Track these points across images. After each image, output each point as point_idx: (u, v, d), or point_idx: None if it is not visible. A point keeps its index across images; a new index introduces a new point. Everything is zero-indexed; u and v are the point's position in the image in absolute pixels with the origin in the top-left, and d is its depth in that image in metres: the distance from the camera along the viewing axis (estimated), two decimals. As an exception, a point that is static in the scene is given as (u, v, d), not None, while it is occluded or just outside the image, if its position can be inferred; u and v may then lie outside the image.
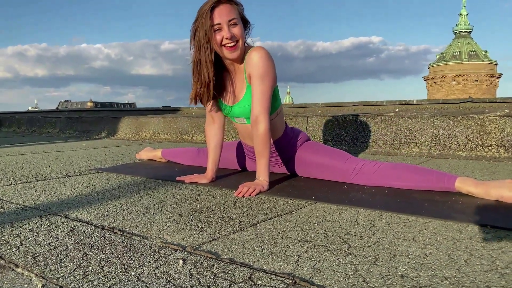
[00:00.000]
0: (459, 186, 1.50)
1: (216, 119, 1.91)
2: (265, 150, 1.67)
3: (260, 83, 1.65)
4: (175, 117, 4.59)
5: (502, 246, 0.99)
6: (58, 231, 1.15)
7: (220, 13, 1.58)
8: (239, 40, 1.62)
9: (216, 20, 1.58)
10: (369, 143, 3.07)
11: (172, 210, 1.38)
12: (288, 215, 1.30)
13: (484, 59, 48.78)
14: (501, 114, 2.68)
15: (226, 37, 1.58)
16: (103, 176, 2.06)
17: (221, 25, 1.58)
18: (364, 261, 0.91)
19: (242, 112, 1.77)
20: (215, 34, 1.59)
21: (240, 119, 1.82)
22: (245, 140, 1.95)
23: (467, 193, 1.49)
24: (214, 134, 1.91)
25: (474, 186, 1.47)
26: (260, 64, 1.64)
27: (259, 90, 1.65)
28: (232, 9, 1.60)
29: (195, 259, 0.93)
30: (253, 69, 1.65)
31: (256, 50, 1.66)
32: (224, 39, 1.59)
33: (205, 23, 1.57)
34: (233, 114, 1.82)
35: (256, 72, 1.64)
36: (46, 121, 6.19)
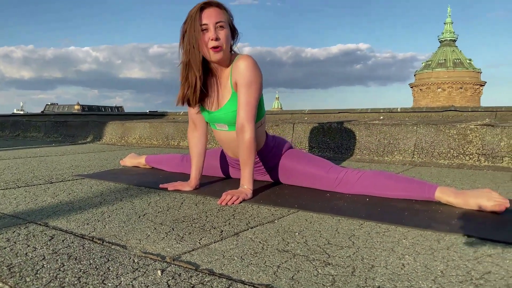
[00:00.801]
0: (439, 196, 1.53)
1: (198, 126, 1.90)
2: (250, 158, 1.68)
3: (246, 91, 1.66)
4: (161, 122, 4.57)
5: (477, 256, 1.01)
6: (36, 241, 1.14)
7: (208, 15, 1.61)
8: (224, 44, 1.63)
9: (204, 21, 1.61)
10: (354, 150, 3.10)
11: (153, 218, 1.37)
12: (270, 224, 1.30)
13: (469, 67, 49.65)
14: (482, 123, 2.73)
15: (212, 38, 1.60)
16: (86, 183, 2.04)
17: (208, 25, 1.61)
18: (342, 271, 0.92)
19: (224, 118, 1.77)
20: (202, 34, 1.61)
21: (221, 125, 1.82)
22: (226, 150, 1.94)
23: (447, 203, 1.51)
24: (197, 141, 1.90)
25: (453, 196, 1.50)
26: (247, 73, 1.66)
27: (245, 98, 1.66)
28: (220, 13, 1.63)
29: (174, 269, 0.93)
30: (240, 77, 1.66)
31: (243, 58, 1.68)
32: (210, 40, 1.61)
33: (194, 23, 1.60)
34: (214, 119, 1.81)
35: (242, 80, 1.66)
36: (31, 124, 6.11)
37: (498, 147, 2.58)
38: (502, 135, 2.58)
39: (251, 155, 1.67)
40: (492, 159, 2.58)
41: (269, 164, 1.93)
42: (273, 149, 1.90)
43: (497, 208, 1.39)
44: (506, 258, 1.00)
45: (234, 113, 1.73)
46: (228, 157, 2.00)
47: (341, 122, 3.28)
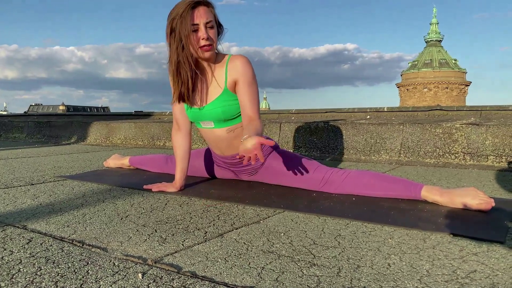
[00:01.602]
0: (425, 195, 1.53)
1: (182, 126, 1.88)
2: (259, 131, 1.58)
3: (249, 87, 1.71)
4: (147, 122, 4.52)
5: (463, 255, 1.01)
6: (13, 244, 1.10)
7: (198, 15, 1.61)
8: (214, 42, 1.66)
9: (195, 21, 1.61)
10: (340, 149, 3.09)
11: (136, 220, 1.34)
12: (255, 225, 1.28)
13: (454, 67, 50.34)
14: (467, 122, 2.75)
15: (203, 37, 1.61)
16: (68, 184, 2.00)
17: (199, 26, 1.61)
18: (328, 272, 0.90)
19: (211, 114, 1.75)
20: (192, 34, 1.61)
21: (207, 122, 1.80)
22: (213, 148, 1.93)
23: (433, 201, 1.51)
24: (182, 141, 1.87)
25: (439, 195, 1.50)
26: (248, 71, 1.71)
27: (249, 94, 1.70)
28: (208, 12, 1.64)
29: (155, 272, 0.90)
30: (241, 75, 1.70)
31: (241, 58, 1.72)
32: (201, 39, 1.62)
33: (185, 22, 1.60)
34: (200, 117, 1.79)
35: (244, 78, 1.70)
36: (13, 125, 6.00)
37: (483, 146, 2.60)
38: (487, 134, 2.60)
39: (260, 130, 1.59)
40: (477, 158, 2.60)
41: (255, 164, 1.90)
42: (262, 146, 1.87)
43: (482, 206, 1.39)
44: (491, 256, 1.00)
45: (222, 108, 1.73)
46: (215, 155, 1.97)
47: (328, 122, 3.27)
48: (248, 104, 1.70)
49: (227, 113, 1.74)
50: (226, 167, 1.99)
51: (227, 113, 1.74)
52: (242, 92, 1.70)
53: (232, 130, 1.78)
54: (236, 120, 1.77)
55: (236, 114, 1.75)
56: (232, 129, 1.78)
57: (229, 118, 1.75)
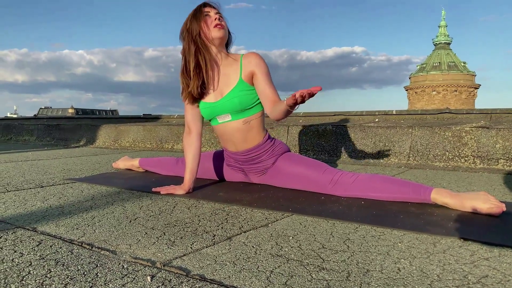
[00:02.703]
0: (434, 197, 1.51)
1: (193, 129, 1.91)
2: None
3: (268, 77, 1.80)
4: (155, 125, 4.54)
5: (474, 260, 0.99)
6: (23, 246, 1.11)
7: (209, 8, 1.81)
8: (225, 26, 1.81)
9: (206, 10, 1.80)
10: (349, 153, 3.08)
11: (145, 223, 1.34)
12: (263, 228, 1.28)
13: (463, 70, 49.95)
14: (477, 125, 2.72)
15: (215, 17, 1.78)
16: (77, 187, 2.01)
17: (210, 13, 1.80)
18: (337, 276, 0.90)
19: (229, 105, 1.81)
20: (205, 19, 1.78)
21: (224, 116, 1.85)
22: (227, 144, 1.94)
23: (443, 204, 1.50)
24: (192, 144, 1.90)
25: (449, 197, 1.48)
26: (263, 63, 1.82)
27: (269, 82, 1.79)
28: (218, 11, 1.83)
29: (164, 275, 0.90)
30: (258, 67, 1.79)
31: (255, 53, 1.85)
32: (213, 20, 1.78)
33: (198, 15, 1.79)
34: (216, 111, 1.85)
35: (261, 69, 1.79)
36: (23, 128, 6.06)
37: (493, 149, 2.57)
38: (497, 137, 2.57)
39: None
40: (487, 161, 2.58)
41: (265, 163, 1.91)
42: (272, 146, 1.90)
43: (493, 211, 1.38)
44: (503, 261, 0.98)
45: (238, 98, 1.79)
46: (227, 154, 1.98)
47: (336, 125, 3.26)
48: (270, 91, 1.77)
49: (244, 103, 1.80)
50: (237, 166, 1.99)
51: (244, 103, 1.80)
52: (261, 81, 1.78)
53: (248, 122, 1.84)
54: (252, 111, 1.83)
55: (252, 104, 1.82)
56: (248, 120, 1.83)
57: (245, 108, 1.81)
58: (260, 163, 1.91)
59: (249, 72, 1.80)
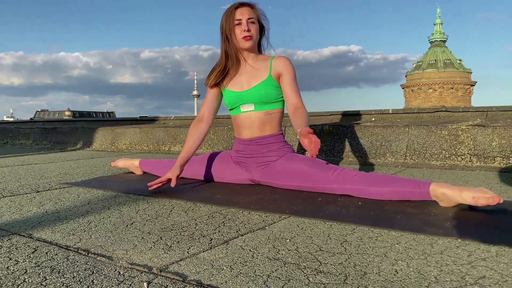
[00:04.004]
0: (433, 188, 1.51)
1: (205, 118, 2.08)
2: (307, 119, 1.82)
3: (293, 80, 1.96)
4: (152, 127, 4.53)
5: (471, 260, 0.99)
6: (19, 253, 1.10)
7: (241, 12, 1.92)
8: (254, 34, 1.93)
9: (238, 17, 1.92)
10: (346, 152, 3.08)
11: (141, 227, 1.34)
12: (260, 231, 1.28)
13: (459, 68, 50.11)
14: (473, 124, 2.73)
15: (244, 29, 1.90)
16: (74, 191, 2.00)
17: (241, 20, 1.91)
18: (334, 279, 0.89)
19: (255, 95, 1.95)
20: (235, 28, 1.92)
21: (248, 105, 1.98)
22: (243, 131, 2.02)
23: (441, 194, 1.49)
24: (198, 129, 2.06)
25: (448, 188, 1.48)
26: (292, 67, 1.97)
27: (293, 86, 1.95)
28: (251, 11, 1.93)
29: (161, 281, 0.90)
30: (286, 69, 1.95)
31: (285, 57, 1.99)
32: (242, 31, 1.91)
33: (229, 19, 1.92)
34: (242, 100, 1.97)
35: (289, 72, 1.95)
36: (19, 132, 6.03)
37: (490, 147, 2.58)
38: (493, 135, 2.58)
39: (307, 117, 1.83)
40: (484, 160, 2.58)
41: (271, 156, 1.95)
42: (281, 144, 1.98)
43: (490, 201, 1.37)
44: (501, 261, 0.98)
45: (265, 91, 1.94)
46: (239, 142, 2.04)
47: (333, 125, 3.26)
48: (293, 94, 1.94)
49: (269, 96, 1.94)
50: (241, 159, 2.02)
51: (269, 96, 1.94)
52: (287, 83, 1.94)
53: (270, 114, 1.97)
54: (274, 105, 1.98)
55: (275, 99, 1.97)
56: (270, 113, 1.97)
57: (269, 101, 1.95)
58: (268, 153, 1.96)
59: (278, 73, 1.95)
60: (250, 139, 1.99)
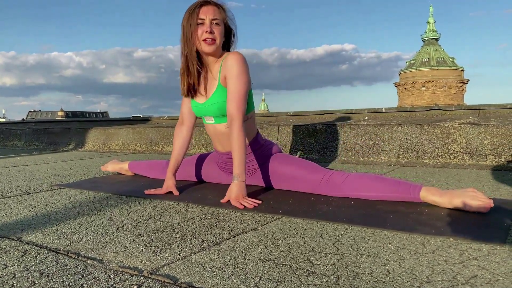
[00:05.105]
0: (424, 195, 1.51)
1: (185, 121, 1.99)
2: (241, 147, 1.67)
3: (234, 83, 1.72)
4: (144, 128, 4.50)
5: (463, 259, 0.99)
6: (8, 257, 1.08)
7: (205, 11, 1.71)
8: (217, 38, 1.72)
9: (201, 16, 1.70)
10: (339, 151, 3.08)
11: (132, 229, 1.32)
12: (253, 232, 1.27)
13: (452, 66, 50.40)
14: (466, 122, 2.74)
15: (206, 30, 1.69)
16: (65, 193, 1.98)
17: (204, 20, 1.70)
18: (326, 280, 0.89)
19: (210, 110, 1.82)
20: (197, 28, 1.71)
21: (209, 118, 1.87)
22: (215, 145, 1.97)
23: (432, 202, 1.50)
24: (181, 134, 1.99)
25: (438, 196, 1.49)
26: (236, 66, 1.72)
27: (233, 90, 1.72)
28: (217, 11, 1.73)
29: (151, 284, 0.89)
30: (228, 70, 1.72)
31: (233, 53, 1.76)
32: (204, 32, 1.70)
33: (191, 18, 1.71)
34: (202, 112, 1.87)
35: (230, 73, 1.72)
36: (11, 133, 5.98)
37: (482, 145, 2.59)
38: (486, 133, 2.59)
39: (242, 145, 1.67)
40: (476, 158, 2.59)
41: (253, 164, 1.91)
42: (262, 147, 1.91)
43: (481, 207, 1.38)
44: (492, 260, 0.98)
45: (217, 105, 1.78)
46: (218, 154, 1.98)
47: (326, 124, 3.26)
48: (231, 101, 1.71)
49: (223, 109, 1.77)
50: (225, 167, 1.98)
51: (223, 109, 1.77)
52: (228, 87, 1.73)
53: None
54: None
55: None
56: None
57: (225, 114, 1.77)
58: (249, 162, 1.90)
59: (225, 76, 1.75)
60: (225, 153, 1.90)
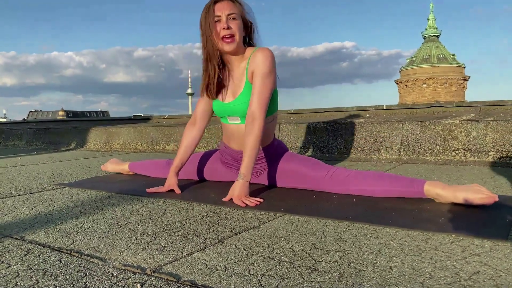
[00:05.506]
0: (427, 188, 1.51)
1: (198, 121, 1.94)
2: (256, 147, 1.65)
3: (260, 80, 1.68)
4: (145, 127, 4.51)
5: (465, 256, 0.99)
6: (11, 256, 1.09)
7: (220, 7, 1.67)
8: (235, 34, 1.67)
9: (217, 13, 1.67)
10: (340, 149, 3.08)
11: (135, 227, 1.33)
12: (255, 230, 1.27)
13: (452, 62, 50.30)
14: (467, 119, 2.74)
15: (223, 27, 1.65)
16: (67, 192, 1.99)
17: (221, 17, 1.66)
18: (329, 277, 0.89)
19: (238, 109, 1.77)
20: (215, 25, 1.67)
21: (234, 118, 1.81)
22: (229, 142, 1.91)
23: (435, 195, 1.49)
24: (191, 134, 1.94)
25: (442, 189, 1.48)
26: (264, 63, 1.68)
27: (258, 87, 1.68)
28: (232, 6, 1.68)
29: (154, 282, 0.89)
30: (256, 67, 1.68)
31: (262, 49, 1.71)
32: (221, 29, 1.66)
33: (208, 16, 1.68)
34: (227, 112, 1.81)
35: (258, 70, 1.68)
36: (12, 133, 5.99)
37: (483, 142, 2.59)
38: (487, 130, 2.59)
39: (257, 145, 1.65)
40: (477, 154, 2.59)
41: (263, 165, 1.91)
42: (276, 149, 1.89)
43: (485, 201, 1.37)
44: (494, 256, 0.98)
45: (246, 104, 1.72)
46: (228, 150, 1.93)
47: (327, 122, 3.26)
48: (254, 97, 1.67)
49: None
50: (232, 163, 1.96)
51: None
52: (254, 85, 1.69)
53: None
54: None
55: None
56: None
57: None
58: (259, 164, 1.89)
59: (251, 74, 1.70)
60: (238, 151, 1.87)
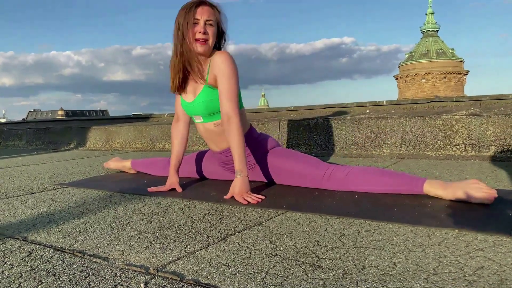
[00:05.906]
0: (427, 189, 1.51)
1: (180, 117, 1.99)
2: (240, 144, 1.69)
3: (226, 81, 1.73)
4: (146, 125, 4.50)
5: (469, 251, 0.99)
6: (14, 257, 1.09)
7: (201, 11, 1.72)
8: (209, 39, 1.73)
9: (197, 16, 1.71)
10: (341, 145, 3.08)
11: (137, 227, 1.32)
12: (257, 227, 1.27)
13: (451, 57, 50.20)
14: (467, 113, 2.73)
15: (200, 31, 1.71)
16: (68, 192, 1.99)
17: (199, 20, 1.71)
18: (333, 274, 0.89)
19: (197, 109, 1.83)
20: (193, 26, 1.72)
21: (197, 117, 1.88)
22: (209, 145, 1.97)
23: (436, 196, 1.50)
24: (178, 131, 1.98)
25: (441, 189, 1.48)
26: (227, 65, 1.73)
27: (226, 88, 1.73)
28: (212, 13, 1.74)
29: (158, 281, 0.89)
30: (220, 70, 1.73)
31: (221, 53, 1.77)
32: (198, 32, 1.71)
33: (187, 16, 1.71)
34: (190, 111, 1.88)
35: (222, 72, 1.73)
36: (12, 133, 5.98)
37: (484, 136, 2.58)
38: (488, 124, 2.58)
39: (241, 140, 1.69)
40: (478, 149, 2.59)
41: (255, 157, 1.91)
42: (256, 140, 1.91)
43: (485, 199, 1.38)
44: (498, 251, 0.98)
45: (205, 103, 1.79)
46: (215, 154, 1.98)
47: (328, 118, 3.26)
48: (225, 99, 1.72)
49: (210, 108, 1.79)
50: (226, 166, 1.98)
51: (210, 108, 1.79)
52: (219, 88, 1.74)
53: (219, 124, 1.81)
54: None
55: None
56: (219, 123, 1.81)
57: (214, 112, 1.80)
58: (252, 156, 1.90)
59: (214, 76, 1.76)
60: (221, 152, 1.92)
